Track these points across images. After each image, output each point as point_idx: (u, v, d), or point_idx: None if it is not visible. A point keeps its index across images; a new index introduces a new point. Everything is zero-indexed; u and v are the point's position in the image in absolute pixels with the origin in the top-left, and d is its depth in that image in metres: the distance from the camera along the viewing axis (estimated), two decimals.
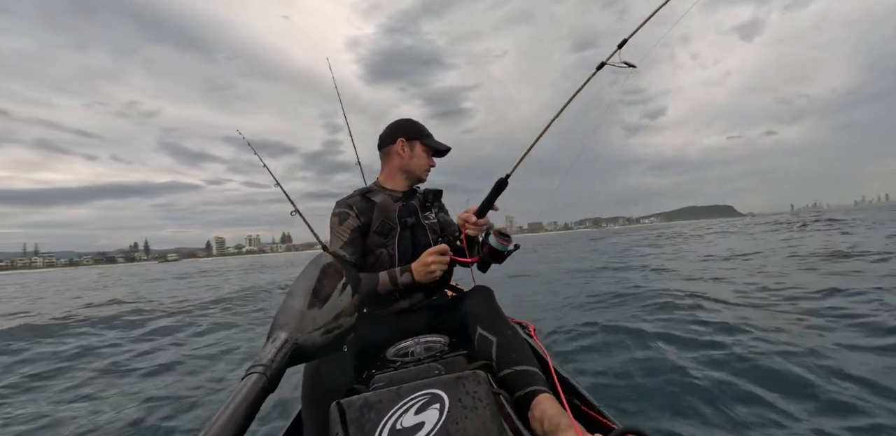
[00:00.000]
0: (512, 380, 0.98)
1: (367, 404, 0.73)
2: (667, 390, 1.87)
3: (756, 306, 3.26)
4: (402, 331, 1.29)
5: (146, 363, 3.23)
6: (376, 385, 0.92)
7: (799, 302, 3.26)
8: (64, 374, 3.10)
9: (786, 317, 2.87)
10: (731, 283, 4.51)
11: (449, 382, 0.75)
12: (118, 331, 4.66)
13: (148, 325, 4.88)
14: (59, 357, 3.56)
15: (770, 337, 2.37)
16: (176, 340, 4.09)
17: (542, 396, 0.91)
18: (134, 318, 5.38)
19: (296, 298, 0.63)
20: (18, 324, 5.14)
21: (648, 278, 5.46)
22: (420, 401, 0.73)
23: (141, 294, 9.20)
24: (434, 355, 1.10)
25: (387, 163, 1.44)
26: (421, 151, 1.41)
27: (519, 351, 1.04)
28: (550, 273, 7.37)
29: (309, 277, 0.68)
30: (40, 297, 10.78)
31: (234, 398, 0.44)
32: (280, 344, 0.54)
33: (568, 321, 3.22)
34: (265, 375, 0.48)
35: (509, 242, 1.21)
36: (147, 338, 4.23)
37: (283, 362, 0.52)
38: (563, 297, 4.60)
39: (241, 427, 0.42)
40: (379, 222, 1.32)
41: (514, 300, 4.69)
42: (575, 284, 5.69)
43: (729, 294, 3.79)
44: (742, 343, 2.30)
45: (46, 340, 4.30)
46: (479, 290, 1.27)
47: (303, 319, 0.59)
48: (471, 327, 1.13)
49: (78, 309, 6.68)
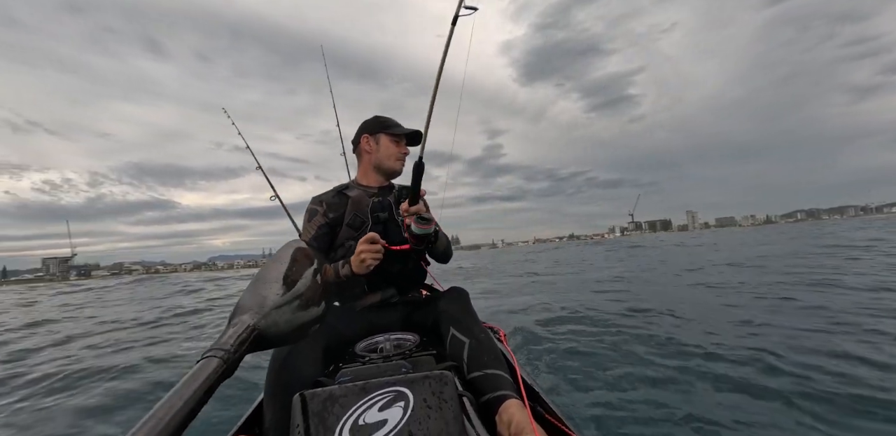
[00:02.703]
0: (480, 383, 0.99)
1: (332, 397, 0.72)
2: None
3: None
4: (374, 326, 1.29)
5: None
6: (342, 379, 0.91)
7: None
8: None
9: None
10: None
11: (415, 380, 0.75)
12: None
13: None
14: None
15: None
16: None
17: (511, 401, 0.92)
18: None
19: (263, 283, 0.61)
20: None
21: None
22: (385, 398, 0.73)
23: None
24: (403, 352, 1.10)
25: (360, 162, 1.50)
26: (388, 142, 1.43)
27: (490, 355, 1.05)
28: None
29: (279, 261, 0.66)
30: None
31: (188, 381, 0.42)
32: (242, 329, 0.52)
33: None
34: (223, 359, 0.47)
35: (429, 226, 1.21)
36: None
37: (243, 348, 0.50)
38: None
39: (193, 411, 0.41)
40: (351, 216, 1.35)
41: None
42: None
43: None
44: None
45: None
46: (454, 291, 1.28)
47: (268, 305, 0.57)
48: (444, 327, 1.14)
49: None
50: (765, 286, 4.71)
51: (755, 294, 4.26)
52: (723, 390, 1.94)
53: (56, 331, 5.27)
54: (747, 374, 2.08)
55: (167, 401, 0.40)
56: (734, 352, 2.39)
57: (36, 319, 6.75)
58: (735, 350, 2.42)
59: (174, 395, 0.41)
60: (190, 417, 0.41)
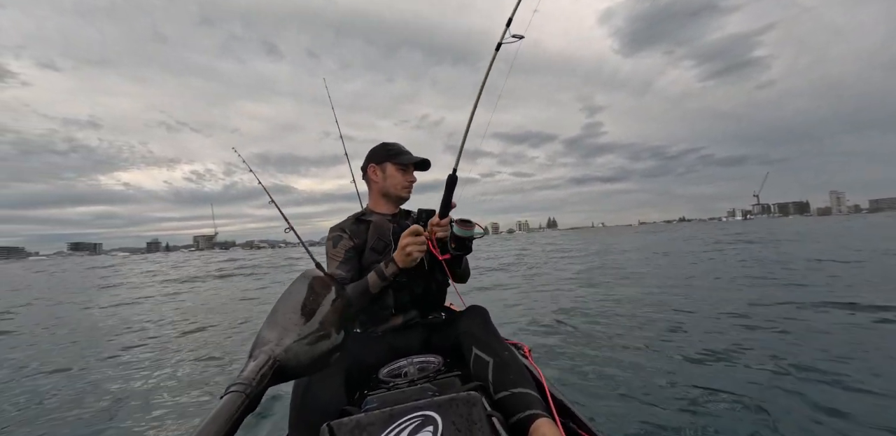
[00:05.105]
0: (509, 402, 0.96)
1: (359, 426, 0.71)
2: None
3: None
4: (395, 350, 1.28)
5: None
6: (368, 407, 0.90)
7: None
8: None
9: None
10: None
11: (442, 403, 0.74)
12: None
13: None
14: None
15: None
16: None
17: (542, 420, 0.89)
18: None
19: (280, 314, 0.61)
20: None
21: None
22: (413, 423, 0.72)
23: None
24: (427, 375, 1.07)
25: (370, 190, 1.51)
26: (394, 171, 1.44)
27: (516, 372, 1.02)
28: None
29: (295, 292, 0.66)
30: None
31: (213, 418, 0.42)
32: (262, 362, 0.52)
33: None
34: (245, 393, 0.46)
35: (471, 227, 1.20)
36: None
37: (265, 381, 0.50)
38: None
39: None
40: (374, 240, 1.35)
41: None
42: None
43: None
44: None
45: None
46: (473, 309, 1.26)
47: (287, 336, 0.57)
48: (465, 347, 1.12)
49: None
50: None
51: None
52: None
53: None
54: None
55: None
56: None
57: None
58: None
59: (200, 434, 0.41)
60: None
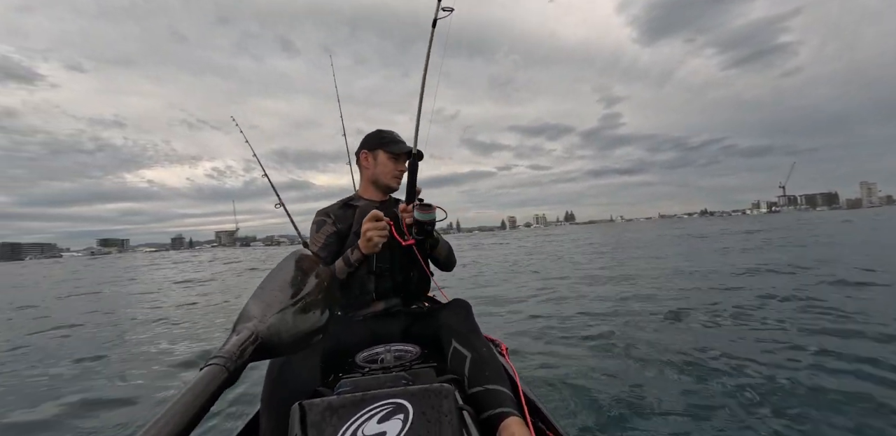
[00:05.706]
0: (482, 398, 0.97)
1: (331, 407, 0.71)
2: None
3: None
4: (375, 336, 1.29)
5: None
6: (341, 390, 0.89)
7: None
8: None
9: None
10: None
11: (415, 393, 0.74)
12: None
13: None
14: None
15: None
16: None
17: (512, 418, 0.90)
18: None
19: (267, 292, 0.60)
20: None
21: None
22: (384, 410, 0.72)
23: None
24: (403, 364, 1.08)
25: (361, 176, 1.54)
26: (385, 159, 1.45)
27: (492, 370, 1.03)
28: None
29: (283, 270, 0.66)
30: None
31: (191, 389, 0.42)
32: (245, 337, 0.51)
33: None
34: (226, 367, 0.46)
35: (432, 211, 1.21)
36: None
37: (246, 357, 0.50)
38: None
39: (194, 420, 0.41)
40: (359, 225, 1.34)
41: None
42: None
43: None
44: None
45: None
46: (457, 303, 1.27)
47: (272, 314, 0.57)
48: (445, 339, 1.13)
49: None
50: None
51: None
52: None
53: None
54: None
55: (169, 410, 0.39)
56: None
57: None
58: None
59: (176, 404, 0.40)
60: (191, 426, 0.40)
